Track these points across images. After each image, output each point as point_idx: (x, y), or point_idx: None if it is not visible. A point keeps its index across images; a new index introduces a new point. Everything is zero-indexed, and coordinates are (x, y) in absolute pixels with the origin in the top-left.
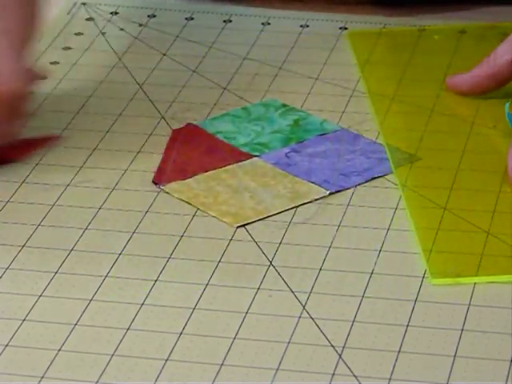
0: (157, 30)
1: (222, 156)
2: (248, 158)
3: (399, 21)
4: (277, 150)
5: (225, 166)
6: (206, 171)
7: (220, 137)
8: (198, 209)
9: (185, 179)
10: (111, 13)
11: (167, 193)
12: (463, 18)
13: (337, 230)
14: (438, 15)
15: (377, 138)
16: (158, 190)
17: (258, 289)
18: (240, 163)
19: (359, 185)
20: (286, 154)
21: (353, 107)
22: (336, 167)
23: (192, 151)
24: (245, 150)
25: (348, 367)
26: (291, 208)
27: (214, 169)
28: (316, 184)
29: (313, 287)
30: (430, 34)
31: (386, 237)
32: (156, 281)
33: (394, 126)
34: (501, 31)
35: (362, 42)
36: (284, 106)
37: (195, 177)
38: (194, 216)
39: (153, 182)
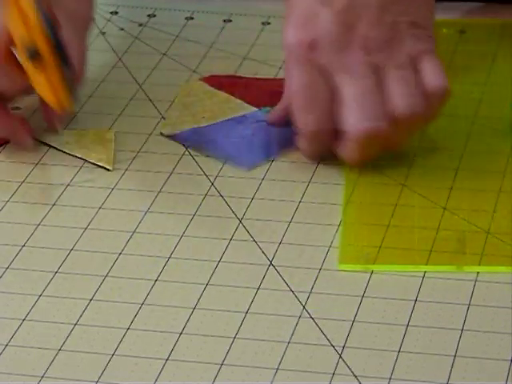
0: (157, 30)
1: None
2: None
3: None
4: None
5: None
6: None
7: None
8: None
9: None
10: (111, 13)
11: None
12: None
13: (336, 231)
14: (437, 14)
15: None
16: (158, 190)
17: (258, 289)
18: None
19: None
20: None
21: None
22: None
23: None
24: None
25: (348, 367)
26: None
27: None
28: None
29: (313, 287)
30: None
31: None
32: (156, 280)
33: None
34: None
35: None
36: None
37: None
38: (194, 216)
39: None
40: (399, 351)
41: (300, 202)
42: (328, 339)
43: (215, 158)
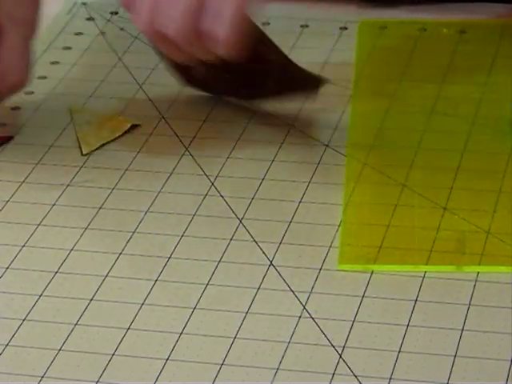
0: None
1: None
2: None
3: (400, 20)
4: None
5: None
6: None
7: None
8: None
9: None
10: (111, 13)
11: None
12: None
13: (336, 231)
14: (437, 14)
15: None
16: (158, 190)
17: (258, 289)
18: None
19: None
20: None
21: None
22: None
23: None
24: None
25: (348, 367)
26: None
27: None
28: None
29: (313, 287)
30: (431, 34)
31: (385, 234)
32: (156, 280)
33: (395, 127)
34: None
35: (365, 38)
36: None
37: None
38: (194, 216)
39: None
40: (399, 351)
41: (300, 202)
42: (328, 339)
43: None
